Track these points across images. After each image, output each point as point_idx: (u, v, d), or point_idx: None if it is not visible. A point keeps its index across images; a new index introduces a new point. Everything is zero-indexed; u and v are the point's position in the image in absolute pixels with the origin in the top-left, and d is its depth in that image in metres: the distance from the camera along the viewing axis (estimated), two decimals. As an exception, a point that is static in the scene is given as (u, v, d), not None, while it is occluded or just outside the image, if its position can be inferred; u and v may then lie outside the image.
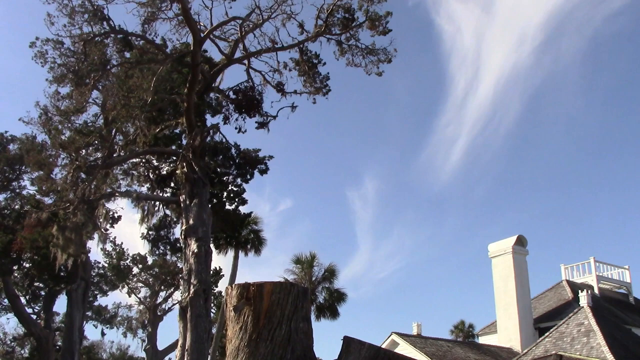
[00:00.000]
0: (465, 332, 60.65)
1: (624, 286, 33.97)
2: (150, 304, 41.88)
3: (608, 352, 21.88)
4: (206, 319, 15.85)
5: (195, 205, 17.57)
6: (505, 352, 27.64)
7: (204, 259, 16.40)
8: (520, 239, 30.69)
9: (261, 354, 4.18)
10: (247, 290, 4.31)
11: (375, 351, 3.88)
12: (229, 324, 4.40)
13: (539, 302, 31.85)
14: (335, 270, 35.55)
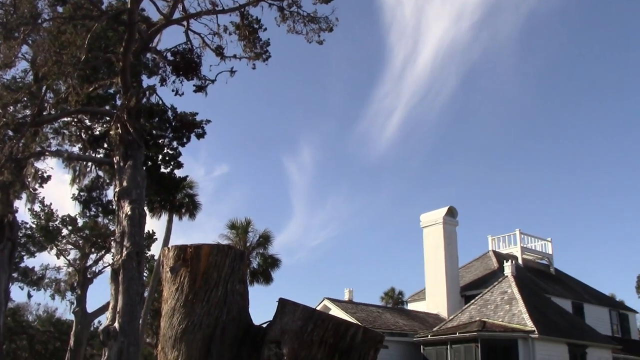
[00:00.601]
0: (395, 299, 62.40)
1: (546, 257, 35.59)
2: (80, 266, 41.02)
3: (528, 318, 23.02)
4: (139, 281, 15.70)
5: (129, 167, 17.22)
6: (433, 318, 28.63)
7: (138, 221, 16.16)
8: (451, 210, 31.60)
9: (197, 314, 4.22)
10: (185, 252, 4.32)
11: (309, 312, 3.99)
12: (165, 284, 4.42)
13: (467, 271, 33.04)
14: (270, 237, 35.80)
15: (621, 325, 33.69)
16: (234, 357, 4.25)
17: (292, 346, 3.91)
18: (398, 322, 26.86)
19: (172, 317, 4.29)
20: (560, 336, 23.41)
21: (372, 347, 4.01)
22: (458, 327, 24.12)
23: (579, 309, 30.92)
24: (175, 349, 4.20)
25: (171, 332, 4.26)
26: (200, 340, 4.16)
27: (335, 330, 3.91)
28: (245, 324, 4.40)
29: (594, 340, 24.98)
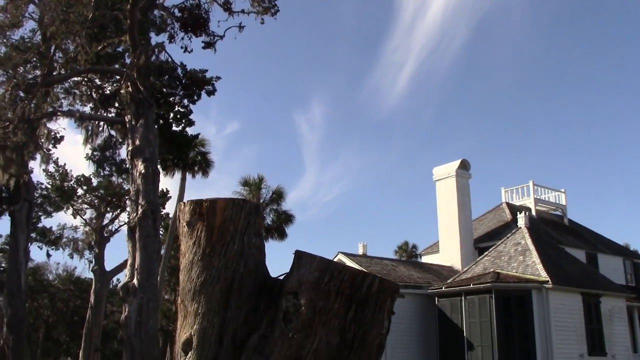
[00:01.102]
0: (408, 253, 62.90)
1: (560, 208, 35.53)
2: (97, 226, 41.55)
3: (542, 269, 23.11)
4: (155, 239, 15.89)
5: (141, 125, 17.23)
6: (446, 271, 28.84)
7: (152, 179, 16.25)
8: (464, 163, 31.48)
9: (215, 267, 4.26)
10: (200, 206, 4.34)
11: (326, 264, 4.01)
12: (182, 239, 4.45)
13: (480, 224, 33.09)
14: (282, 193, 35.95)
15: (635, 274, 33.78)
16: (252, 309, 4.31)
17: (309, 297, 3.94)
18: (412, 275, 27.10)
19: (191, 270, 4.33)
20: (574, 286, 23.53)
21: (388, 297, 4.04)
22: (472, 279, 24.29)
23: (593, 259, 30.99)
24: (195, 302, 4.25)
25: (190, 285, 4.31)
26: (218, 293, 4.21)
27: (352, 281, 3.94)
28: (262, 277, 4.44)
29: (607, 289, 25.10)
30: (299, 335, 3.95)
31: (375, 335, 4.02)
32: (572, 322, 22.98)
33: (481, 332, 22.63)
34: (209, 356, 4.14)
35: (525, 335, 22.24)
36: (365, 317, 3.95)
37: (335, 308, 3.92)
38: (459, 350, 23.12)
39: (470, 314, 23.18)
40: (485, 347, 22.42)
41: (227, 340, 4.16)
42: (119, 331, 54.88)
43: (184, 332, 4.33)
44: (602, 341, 23.90)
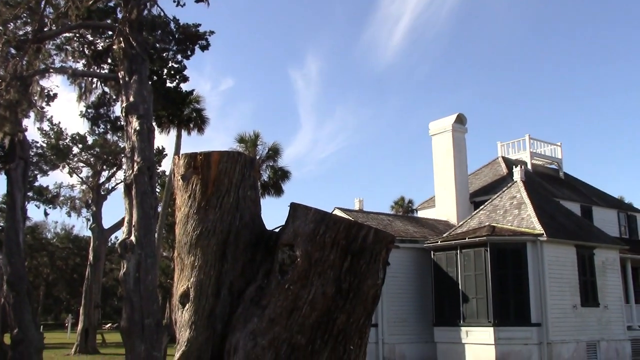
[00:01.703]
0: (405, 208, 63.25)
1: (556, 162, 35.61)
2: (93, 184, 41.59)
3: (537, 222, 23.30)
4: (152, 195, 15.91)
5: (134, 81, 17.05)
6: (442, 225, 29.05)
7: (147, 136, 16.18)
8: (460, 117, 31.38)
9: (210, 220, 4.27)
10: (195, 160, 4.33)
11: (321, 215, 4.02)
12: (178, 192, 4.45)
13: (476, 178, 33.20)
14: (279, 149, 35.92)
15: (629, 226, 34.10)
16: (248, 261, 4.34)
17: (305, 248, 3.97)
18: (408, 229, 27.31)
19: (187, 224, 4.35)
20: (568, 238, 23.77)
21: (383, 248, 4.07)
22: (467, 233, 24.49)
23: (588, 212, 31.22)
24: (191, 254, 4.28)
25: (186, 238, 4.33)
26: (215, 245, 4.24)
27: (347, 232, 3.96)
28: (258, 229, 4.46)
29: (601, 241, 25.37)
30: (295, 286, 3.99)
31: (371, 286, 4.06)
32: (565, 274, 23.29)
33: (476, 284, 22.94)
34: (207, 308, 4.19)
35: (520, 288, 22.56)
36: (361, 267, 3.98)
37: (330, 259, 3.95)
38: (455, 302, 23.48)
39: (466, 267, 23.46)
40: (480, 299, 22.77)
41: (224, 292, 4.21)
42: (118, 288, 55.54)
43: (181, 285, 4.37)
44: (595, 292, 24.29)
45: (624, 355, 24.84)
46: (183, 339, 4.20)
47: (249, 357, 3.97)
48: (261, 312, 4.06)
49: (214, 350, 4.13)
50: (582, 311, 23.53)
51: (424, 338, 24.48)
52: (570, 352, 22.74)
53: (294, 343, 3.93)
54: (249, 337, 4.00)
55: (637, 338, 26.52)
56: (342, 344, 3.97)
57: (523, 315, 22.37)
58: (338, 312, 3.96)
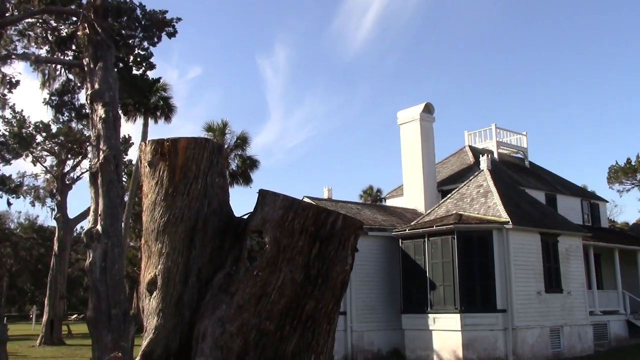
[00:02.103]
0: (373, 196, 63.57)
1: (521, 151, 36.13)
2: (58, 173, 40.87)
3: (503, 210, 23.64)
4: (118, 184, 15.70)
5: (99, 69, 16.77)
6: (410, 213, 29.29)
7: (113, 124, 15.94)
8: (428, 107, 31.59)
9: (178, 207, 4.24)
10: (162, 146, 4.28)
11: (290, 202, 4.02)
12: (144, 179, 4.40)
13: (443, 167, 33.51)
14: (247, 138, 35.76)
15: (592, 214, 34.83)
16: (216, 248, 4.32)
17: (273, 235, 3.97)
18: (377, 218, 27.46)
19: (154, 211, 4.30)
20: (533, 226, 24.17)
21: (352, 234, 4.09)
22: (435, 221, 24.73)
23: (552, 200, 31.78)
24: (159, 242, 4.24)
25: (153, 225, 4.29)
26: (182, 233, 4.21)
27: (316, 218, 3.97)
28: (227, 216, 4.44)
29: (565, 229, 25.86)
30: (264, 273, 3.98)
31: (339, 272, 4.08)
32: (530, 260, 23.71)
33: (443, 272, 23.22)
34: (174, 295, 4.16)
35: (486, 275, 22.90)
36: (329, 253, 4.00)
37: (299, 245, 3.96)
38: (422, 290, 23.74)
39: (433, 254, 23.72)
40: (447, 286, 23.06)
41: (192, 279, 4.19)
42: (84, 278, 54.82)
43: (148, 272, 4.33)
44: (559, 278, 24.78)
45: (586, 339, 25.44)
46: (151, 326, 4.17)
47: (218, 343, 3.96)
48: (230, 299, 4.05)
49: (182, 337, 4.11)
50: (546, 297, 24.00)
51: (392, 325, 24.71)
52: (534, 337, 23.20)
53: (262, 329, 3.93)
54: (217, 324, 3.99)
55: (598, 323, 27.17)
56: (310, 329, 3.99)
57: (489, 301, 22.73)
58: (307, 298, 3.97)
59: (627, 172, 61.95)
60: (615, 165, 63.05)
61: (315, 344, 3.99)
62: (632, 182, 62.70)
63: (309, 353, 3.96)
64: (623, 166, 62.08)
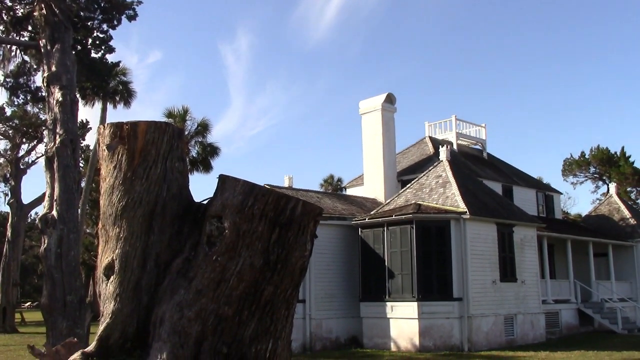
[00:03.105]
0: (334, 186, 63.78)
1: (480, 142, 36.68)
2: (12, 157, 39.86)
3: (461, 200, 24.01)
4: (74, 169, 15.40)
5: (57, 51, 16.37)
6: (370, 203, 29.49)
7: (70, 107, 15.60)
8: (390, 97, 31.77)
9: (136, 191, 4.21)
10: (121, 129, 4.24)
11: (250, 187, 4.03)
12: (103, 163, 4.36)
13: (403, 157, 33.80)
14: (208, 125, 35.44)
15: (546, 205, 35.63)
16: (175, 233, 4.30)
17: (233, 220, 3.97)
18: (337, 207, 27.58)
19: (112, 194, 4.27)
20: (489, 216, 24.61)
21: (311, 220, 4.13)
22: (394, 210, 24.96)
23: (509, 191, 32.39)
24: (116, 226, 4.21)
25: (111, 209, 4.26)
26: (141, 217, 4.18)
27: (276, 204, 3.99)
28: (186, 201, 4.43)
29: (520, 219, 26.40)
30: (223, 258, 3.99)
31: (298, 257, 4.12)
32: (486, 250, 24.16)
33: (402, 261, 23.49)
34: (132, 280, 4.14)
35: (443, 264, 23.25)
36: (289, 239, 4.03)
37: (259, 231, 3.97)
38: (381, 278, 23.98)
39: (392, 243, 23.96)
40: (405, 275, 23.34)
41: (150, 263, 4.17)
42: (38, 265, 53.72)
43: (105, 256, 4.29)
44: (514, 268, 25.33)
45: (538, 327, 26.10)
46: (108, 311, 4.14)
47: (176, 328, 3.96)
48: (188, 284, 4.05)
49: (140, 322, 4.09)
50: (501, 286, 24.50)
51: (350, 313, 24.91)
52: (489, 325, 23.70)
53: (221, 314, 3.95)
54: (175, 309, 3.99)
55: (550, 311, 27.89)
56: (269, 314, 4.02)
57: (446, 290, 23.10)
58: (265, 283, 4.00)
59: (581, 165, 63.60)
60: (570, 158, 64.65)
61: (274, 329, 4.03)
62: (585, 175, 64.38)
63: (268, 338, 4.00)
64: (577, 159, 63.71)
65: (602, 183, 63.04)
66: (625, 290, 33.30)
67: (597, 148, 62.33)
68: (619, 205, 37.33)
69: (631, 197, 57.54)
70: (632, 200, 56.95)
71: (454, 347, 22.58)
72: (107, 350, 4.04)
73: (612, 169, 59.24)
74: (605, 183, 61.05)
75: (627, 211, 36.54)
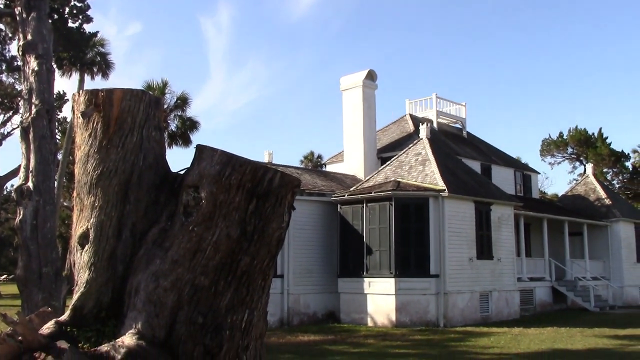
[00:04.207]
0: (314, 162, 63.79)
1: (460, 121, 36.83)
2: (-13, 128, 39.16)
3: (440, 178, 24.15)
4: (51, 140, 15.14)
5: (33, 19, 15.98)
6: (350, 179, 29.56)
7: (46, 77, 15.28)
8: (371, 74, 31.70)
9: (112, 160, 4.15)
10: (96, 96, 4.16)
11: (227, 157, 3.99)
12: (78, 131, 4.28)
13: (384, 134, 33.85)
14: (187, 99, 35.02)
15: (524, 184, 36.00)
16: (152, 203, 4.26)
17: (210, 190, 3.94)
18: (317, 183, 27.60)
19: (87, 163, 4.20)
20: (468, 194, 24.80)
21: (289, 191, 4.10)
22: (374, 187, 25.05)
23: (487, 170, 32.65)
24: (91, 195, 4.15)
25: (86, 178, 4.19)
26: (116, 186, 4.13)
27: (253, 175, 3.95)
28: (163, 171, 4.38)
29: (498, 198, 26.65)
30: (199, 228, 3.96)
31: (275, 229, 4.10)
32: (464, 228, 24.39)
33: (380, 237, 23.63)
34: (107, 249, 4.09)
35: (421, 241, 23.44)
36: (266, 210, 4.00)
37: (236, 201, 3.94)
38: (359, 254, 24.12)
39: (371, 220, 24.07)
40: (383, 251, 23.50)
41: (125, 233, 4.13)
42: (14, 238, 53.13)
43: (80, 225, 4.24)
44: (490, 246, 25.62)
45: (513, 304, 26.51)
46: (82, 280, 4.10)
47: (151, 298, 3.93)
48: (164, 254, 4.01)
49: (115, 291, 4.06)
50: (477, 263, 24.80)
51: (328, 289, 25.07)
52: (465, 301, 24.02)
53: (197, 284, 3.93)
54: (150, 279, 3.96)
55: (525, 289, 28.33)
56: (245, 285, 4.01)
57: (423, 267, 23.32)
58: (242, 254, 3.98)
59: (559, 145, 64.21)
60: (548, 139, 65.21)
61: (250, 300, 4.02)
62: (563, 156, 65.05)
63: (244, 308, 3.99)
64: (555, 140, 64.29)
65: (579, 164, 63.76)
66: (599, 269, 33.92)
67: (575, 129, 62.95)
68: (595, 185, 37.84)
69: (607, 177, 58.33)
70: (608, 181, 57.76)
71: (429, 322, 22.87)
72: (82, 319, 4.01)
73: (589, 149, 59.90)
74: (582, 164, 61.72)
75: (603, 192, 37.07)
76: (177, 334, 3.89)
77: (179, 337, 3.89)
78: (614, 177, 60.25)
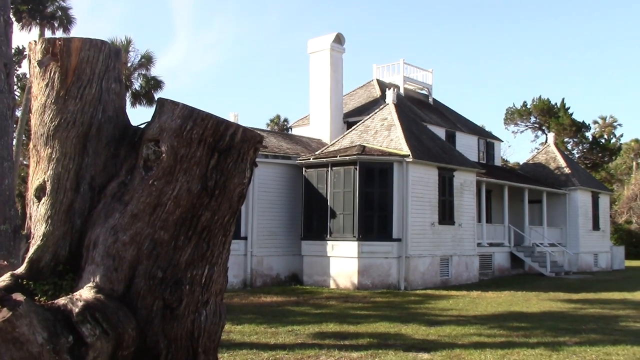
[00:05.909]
0: (280, 126, 63.52)
1: (426, 88, 36.97)
2: (-58, 82, 37.87)
3: (404, 143, 24.31)
4: (9, 95, 14.67)
5: (-11, -32, 15.40)
6: (315, 143, 29.54)
7: (4, 30, 14.73)
8: (339, 37, 31.46)
9: (70, 111, 4.05)
10: (53, 45, 4.04)
11: (189, 111, 3.93)
12: (34, 80, 4.16)
13: (350, 99, 33.80)
14: (152, 57, 34.40)
15: (487, 152, 36.51)
16: (111, 157, 4.19)
17: (171, 144, 3.89)
18: (282, 146, 27.52)
19: (43, 114, 4.10)
20: (431, 160, 25.05)
21: (251, 147, 4.07)
22: (339, 151, 25.10)
23: (452, 137, 32.98)
24: (48, 146, 4.07)
25: (43, 129, 4.10)
26: (74, 138, 4.04)
27: (215, 129, 3.91)
28: (123, 124, 4.30)
29: (461, 164, 26.99)
30: (159, 182, 3.92)
31: (237, 184, 4.08)
32: (427, 193, 24.69)
33: (344, 201, 23.79)
34: (65, 202, 4.03)
35: (385, 205, 23.68)
36: (228, 165, 3.97)
37: (197, 156, 3.90)
38: (323, 218, 24.27)
39: (335, 184, 24.18)
40: (346, 215, 23.68)
41: (84, 186, 4.06)
42: (-28, 196, 51.99)
43: (36, 177, 4.16)
44: (452, 211, 26.04)
45: (472, 269, 27.10)
46: (38, 233, 4.04)
47: (110, 252, 3.90)
48: (123, 208, 3.97)
49: (72, 245, 4.01)
50: (439, 228, 25.21)
51: (292, 251, 25.24)
52: (425, 265, 24.46)
53: (156, 239, 3.90)
54: (109, 233, 3.92)
55: (484, 254, 28.96)
56: (205, 240, 4.00)
57: (385, 231, 23.61)
58: (203, 209, 3.95)
59: (523, 114, 65.11)
60: (512, 108, 66.04)
61: (210, 255, 4.01)
62: (526, 125, 66.02)
63: (204, 263, 3.98)
64: (519, 109, 65.14)
65: (541, 133, 64.84)
66: (556, 236, 34.82)
67: (538, 99, 63.80)
68: (556, 154, 38.58)
69: (568, 147, 59.50)
70: (569, 150, 58.95)
71: (390, 285, 23.26)
72: (38, 272, 3.96)
73: (551, 119, 60.89)
74: (544, 133, 62.80)
75: (563, 160, 37.84)
76: (136, 288, 3.88)
77: (137, 291, 3.87)
78: (574, 147, 61.50)
